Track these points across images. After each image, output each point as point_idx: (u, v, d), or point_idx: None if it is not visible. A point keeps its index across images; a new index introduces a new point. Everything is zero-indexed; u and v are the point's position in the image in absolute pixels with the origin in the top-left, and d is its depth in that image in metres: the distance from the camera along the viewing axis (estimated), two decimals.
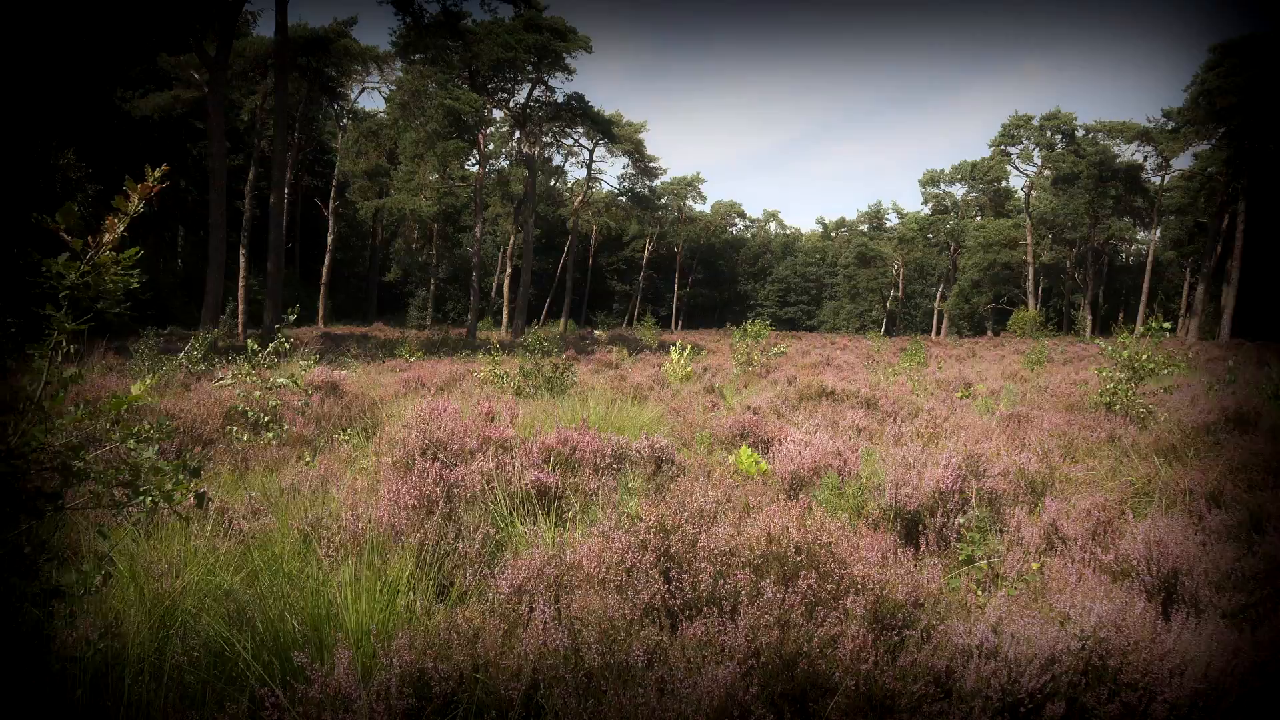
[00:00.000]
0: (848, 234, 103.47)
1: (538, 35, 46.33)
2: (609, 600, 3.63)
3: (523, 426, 8.74)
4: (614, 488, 6.32)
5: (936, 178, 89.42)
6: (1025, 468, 7.38)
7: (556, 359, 16.20)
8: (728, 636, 3.49)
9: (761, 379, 17.73)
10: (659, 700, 3.02)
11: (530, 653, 3.38)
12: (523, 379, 14.05)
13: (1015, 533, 5.92)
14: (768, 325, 23.12)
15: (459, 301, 76.83)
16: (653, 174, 71.51)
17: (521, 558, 4.35)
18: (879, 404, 12.30)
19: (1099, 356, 22.46)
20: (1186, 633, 3.94)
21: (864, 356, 30.35)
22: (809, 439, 8.07)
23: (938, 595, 4.24)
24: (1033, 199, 77.76)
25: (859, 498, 6.52)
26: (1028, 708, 3.25)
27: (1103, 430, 10.07)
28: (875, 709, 3.26)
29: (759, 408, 11.55)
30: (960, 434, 9.54)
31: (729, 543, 4.25)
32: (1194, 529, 5.71)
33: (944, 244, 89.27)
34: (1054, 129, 74.15)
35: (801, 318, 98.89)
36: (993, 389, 16.48)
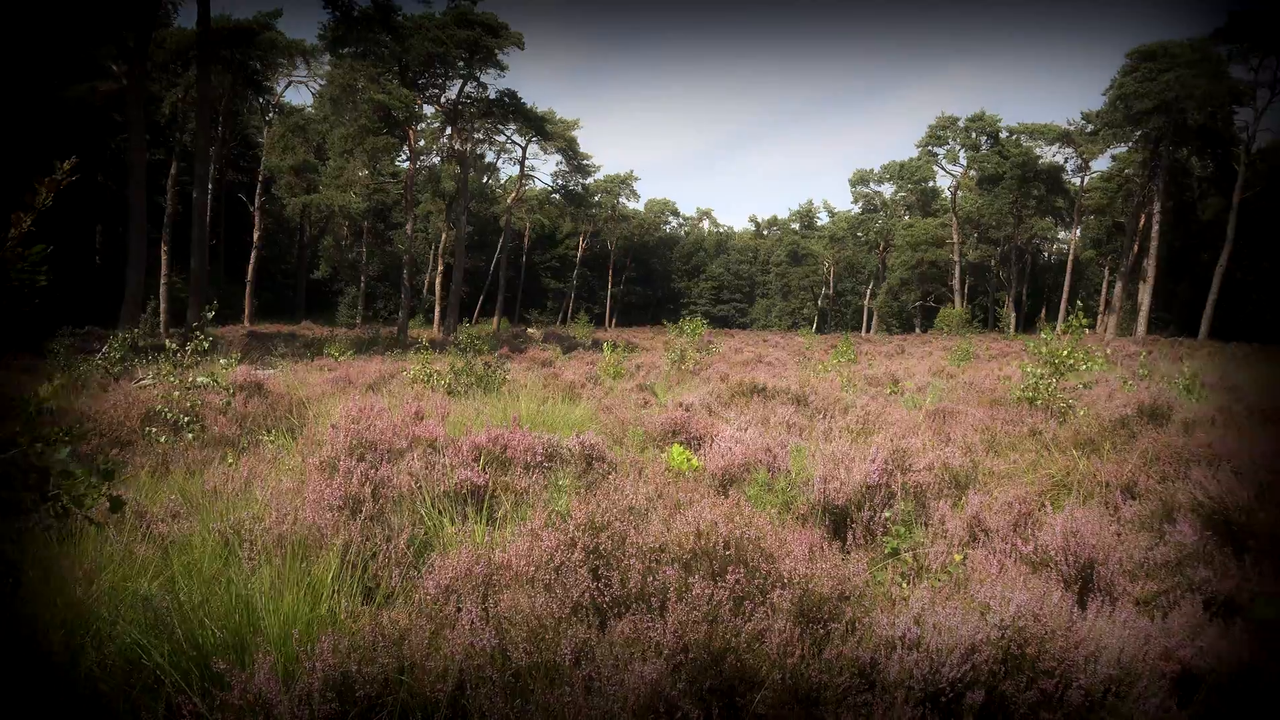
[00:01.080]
0: (779, 232, 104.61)
1: (470, 31, 45.91)
2: (537, 599, 3.61)
3: (453, 425, 8.65)
4: (545, 486, 6.30)
5: (866, 177, 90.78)
6: (950, 462, 7.53)
7: (489, 357, 16.09)
8: (656, 633, 3.50)
9: (694, 376, 17.81)
10: (586, 698, 3.01)
11: (457, 653, 3.34)
12: (454, 377, 13.91)
13: (939, 525, 6.04)
14: (702, 323, 23.24)
15: (390, 299, 75.77)
16: (586, 172, 71.38)
17: (450, 557, 4.30)
18: (809, 401, 12.45)
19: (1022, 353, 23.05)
20: (1101, 621, 4.06)
21: (796, 353, 30.69)
22: (740, 436, 8.13)
23: (863, 588, 4.30)
24: (959, 199, 79.43)
25: (788, 493, 6.59)
26: (949, 697, 3.31)
27: (1024, 424, 10.33)
28: (802, 702, 3.29)
29: (691, 405, 11.60)
30: (888, 429, 9.69)
31: (659, 539, 4.26)
32: (1110, 520, 5.88)
33: (873, 242, 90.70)
34: (979, 130, 75.85)
35: (735, 315, 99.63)
36: (920, 385, 16.79)
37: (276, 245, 71.83)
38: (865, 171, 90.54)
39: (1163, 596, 4.81)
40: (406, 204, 48.13)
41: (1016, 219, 74.46)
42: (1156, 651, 3.97)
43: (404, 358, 22.47)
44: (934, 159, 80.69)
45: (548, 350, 29.54)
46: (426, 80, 49.88)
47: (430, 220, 70.02)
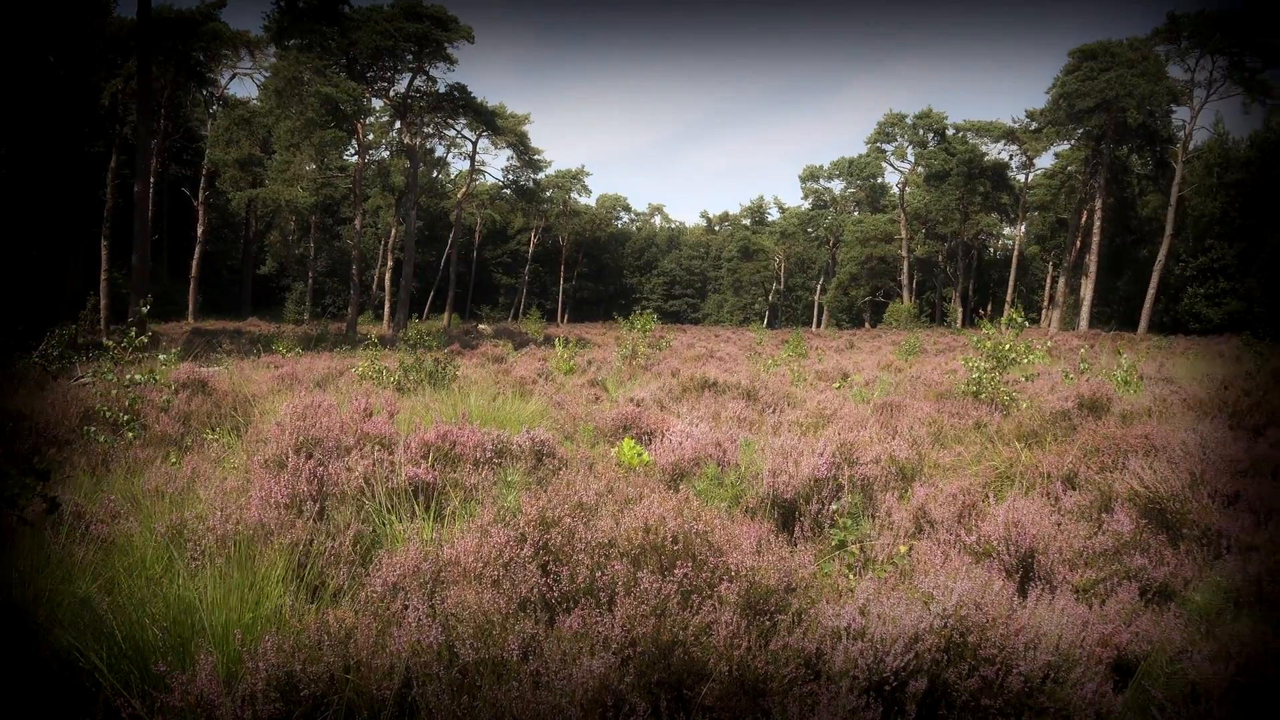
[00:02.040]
0: (731, 228, 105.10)
1: (418, 24, 45.48)
2: (485, 595, 3.60)
3: (402, 422, 8.58)
4: (495, 482, 6.28)
5: (816, 173, 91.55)
6: (896, 455, 7.65)
7: (439, 353, 15.97)
8: (605, 627, 3.51)
9: (646, 372, 17.84)
10: (534, 693, 3.02)
11: (403, 651, 3.33)
12: (403, 374, 13.79)
13: (886, 517, 6.13)
14: (653, 318, 23.28)
15: (339, 295, 74.82)
16: (537, 167, 71.03)
17: (397, 555, 4.28)
18: (760, 395, 12.55)
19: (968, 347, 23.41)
20: (1040, 608, 4.15)
21: (746, 349, 30.87)
22: (690, 430, 8.17)
23: (810, 580, 4.35)
24: (907, 195, 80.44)
25: (738, 487, 6.64)
26: (892, 685, 3.37)
27: (969, 417, 10.52)
28: (748, 693, 3.32)
29: (642, 400, 11.63)
30: (836, 423, 9.80)
31: (608, 534, 4.27)
32: (1050, 510, 6.00)
33: (823, 238, 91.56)
34: (926, 127, 76.87)
35: (686, 311, 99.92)
36: (868, 379, 16.99)
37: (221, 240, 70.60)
38: (815, 168, 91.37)
39: (1100, 584, 4.93)
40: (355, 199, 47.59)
41: (963, 215, 75.61)
42: (1094, 638, 4.07)
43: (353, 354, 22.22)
44: (882, 155, 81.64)
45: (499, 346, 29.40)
46: (375, 73, 49.35)
47: (379, 215, 69.27)
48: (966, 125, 74.56)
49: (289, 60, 42.82)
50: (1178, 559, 5.30)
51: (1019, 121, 71.11)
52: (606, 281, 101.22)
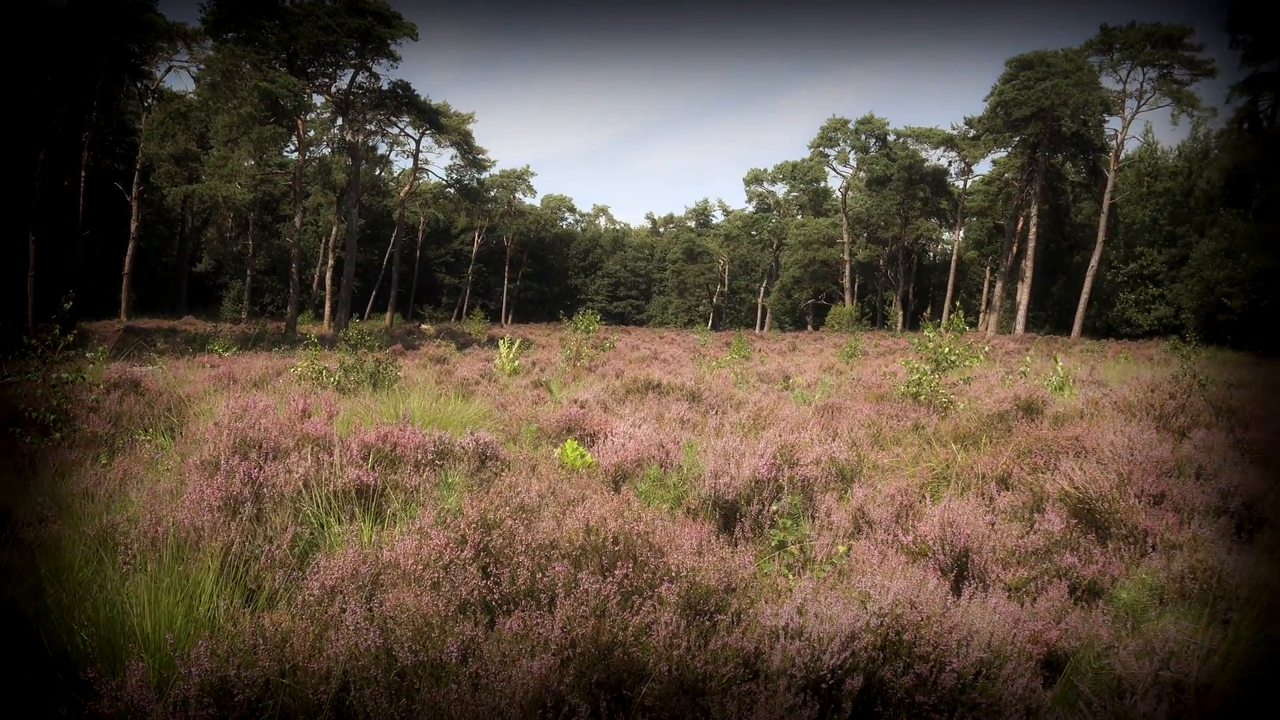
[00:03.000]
0: (676, 230, 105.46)
1: (361, 19, 44.90)
2: (424, 598, 3.58)
3: (342, 423, 8.47)
4: (436, 484, 6.23)
5: (760, 176, 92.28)
6: (837, 456, 7.75)
7: (380, 354, 15.79)
8: (545, 628, 3.51)
9: (590, 373, 17.83)
10: (473, 695, 3.01)
11: (341, 654, 3.29)
12: (344, 374, 13.61)
13: (825, 518, 6.21)
14: (597, 319, 23.27)
15: (278, 294, 73.51)
16: (481, 166, 70.61)
17: (336, 558, 4.23)
18: (703, 397, 12.61)
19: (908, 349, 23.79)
20: (974, 606, 4.24)
21: (691, 350, 31.01)
22: (633, 432, 8.19)
23: (750, 580, 4.39)
24: (849, 199, 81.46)
25: (680, 488, 6.67)
26: (829, 683, 3.42)
27: (908, 419, 10.69)
28: (688, 692, 3.35)
29: (586, 401, 11.63)
30: (778, 425, 9.89)
31: (549, 536, 4.27)
32: (985, 510, 6.12)
33: (767, 241, 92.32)
34: (868, 133, 77.92)
35: (631, 312, 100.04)
36: (810, 381, 17.18)
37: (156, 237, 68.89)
38: (759, 171, 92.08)
39: (1032, 582, 5.05)
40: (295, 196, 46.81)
41: (903, 219, 76.77)
42: (1025, 635, 4.17)
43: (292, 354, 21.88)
44: (825, 160, 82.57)
45: (442, 347, 29.15)
46: (316, 69, 48.62)
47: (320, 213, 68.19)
48: (907, 131, 75.74)
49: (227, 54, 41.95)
50: (1106, 557, 5.45)
51: (958, 128, 72.43)
52: (551, 282, 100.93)
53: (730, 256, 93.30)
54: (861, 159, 78.70)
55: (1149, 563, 5.35)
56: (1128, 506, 5.94)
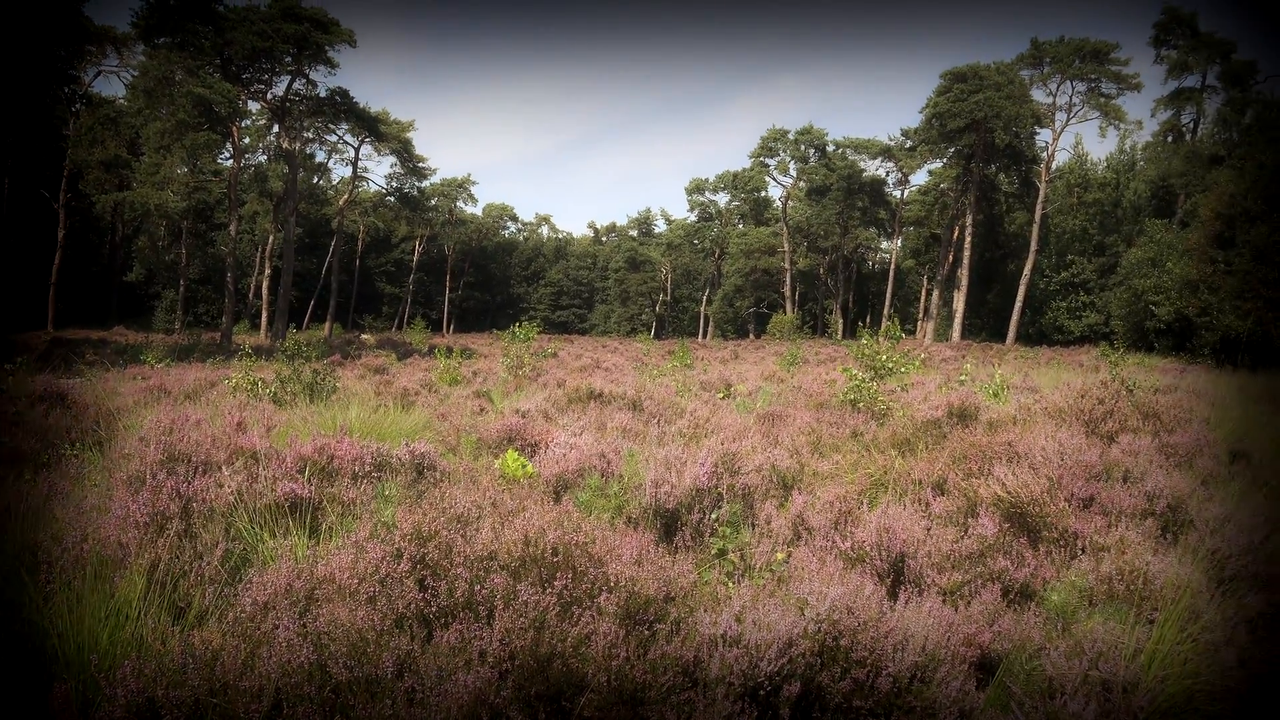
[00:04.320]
0: (618, 239, 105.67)
1: (297, 25, 44.27)
2: (359, 612, 3.52)
3: (278, 436, 8.33)
4: (374, 497, 6.15)
5: (702, 186, 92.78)
6: (777, 464, 7.81)
7: (318, 364, 15.55)
8: (483, 641, 3.48)
9: (532, 382, 17.76)
10: (408, 710, 2.97)
11: (273, 672, 3.23)
12: (280, 386, 13.38)
13: (765, 525, 6.25)
14: (536, 327, 23.17)
15: (213, 304, 71.99)
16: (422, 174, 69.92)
17: (269, 573, 4.15)
18: (645, 406, 12.63)
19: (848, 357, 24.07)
20: (909, 611, 4.29)
21: (633, 359, 31.04)
22: (574, 441, 8.17)
23: (690, 589, 4.40)
24: (789, 208, 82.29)
25: (621, 498, 6.67)
26: (767, 690, 3.44)
27: (847, 426, 10.81)
28: (627, 702, 3.34)
29: (528, 411, 11.57)
30: (719, 433, 9.94)
31: (487, 548, 4.24)
32: (921, 515, 6.22)
33: (709, 250, 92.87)
34: (807, 143, 78.82)
35: (574, 321, 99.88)
36: (751, 389, 17.30)
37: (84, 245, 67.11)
38: (701, 180, 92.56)
39: (966, 586, 5.13)
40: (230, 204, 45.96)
41: (843, 229, 77.77)
42: (959, 638, 4.24)
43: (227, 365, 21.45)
44: (766, 169, 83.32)
45: (382, 357, 28.82)
46: (251, 75, 47.79)
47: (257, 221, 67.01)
48: (846, 142, 76.79)
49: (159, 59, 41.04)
50: (1037, 560, 5.56)
51: (895, 139, 73.67)
52: (493, 291, 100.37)
53: (673, 265, 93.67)
54: (801, 169, 79.59)
55: (1079, 565, 5.47)
56: (1058, 510, 6.08)
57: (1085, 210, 61.24)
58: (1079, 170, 64.10)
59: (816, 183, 76.27)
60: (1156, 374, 20.19)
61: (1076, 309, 59.76)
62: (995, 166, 64.78)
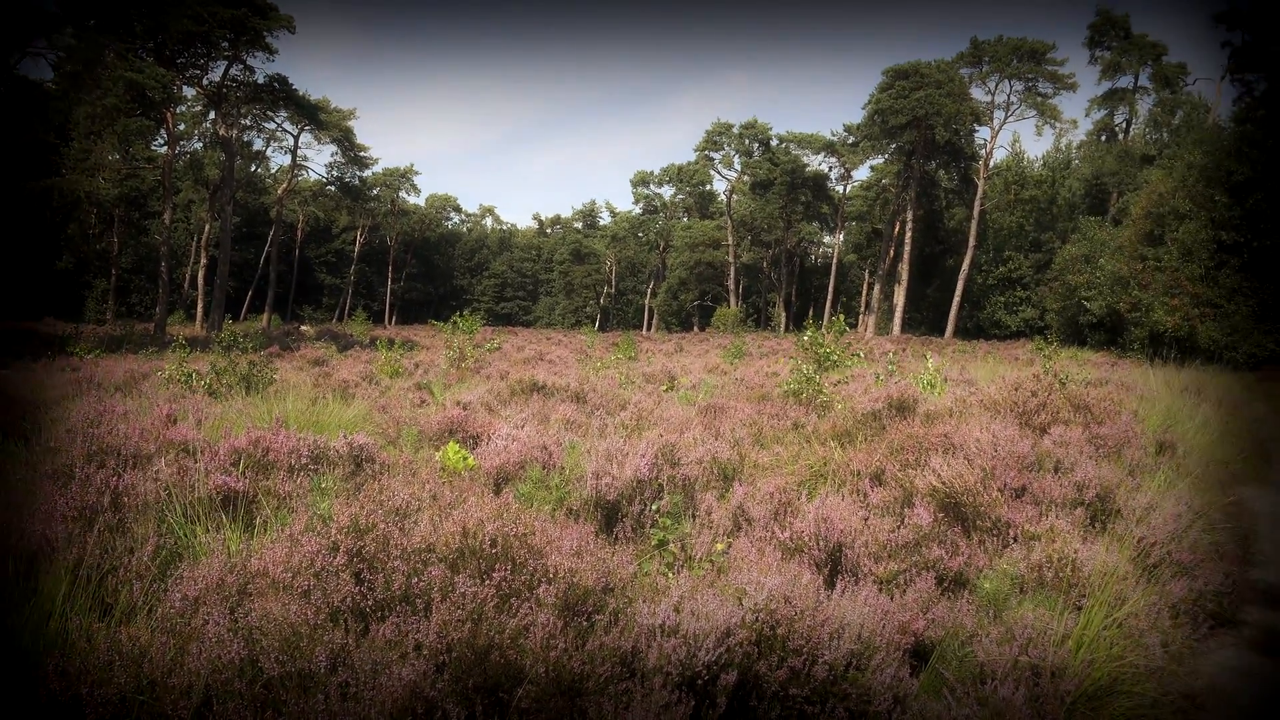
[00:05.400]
0: (563, 231, 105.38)
1: (234, 9, 43.25)
2: (291, 606, 3.47)
3: (212, 428, 8.16)
4: (310, 490, 6.06)
5: (647, 179, 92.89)
6: (718, 455, 7.86)
7: (255, 355, 15.26)
8: (420, 634, 3.45)
9: (475, 374, 17.63)
10: (341, 704, 2.93)
11: (203, 668, 3.17)
12: (215, 377, 13.11)
13: (706, 516, 6.29)
14: (480, 319, 22.99)
15: (147, 294, 70.25)
16: (363, 164, 69.08)
17: (200, 568, 4.07)
18: (588, 398, 12.61)
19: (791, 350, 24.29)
20: (846, 600, 4.35)
21: (578, 351, 30.99)
22: (516, 433, 8.13)
23: (629, 580, 4.41)
24: (733, 202, 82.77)
25: (562, 489, 6.66)
26: (704, 679, 3.46)
27: (788, 418, 10.91)
28: (565, 693, 3.34)
29: (469, 403, 11.49)
30: (662, 425, 9.97)
31: (425, 540, 4.20)
32: (859, 506, 6.31)
33: (654, 243, 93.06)
34: (751, 137, 79.29)
35: (518, 313, 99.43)
36: (695, 382, 17.37)
37: (8, 233, 64.98)
38: (646, 173, 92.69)
39: (901, 575, 5.21)
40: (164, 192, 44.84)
41: (786, 223, 78.44)
42: (894, 626, 4.31)
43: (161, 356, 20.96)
44: (710, 163, 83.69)
45: (321, 349, 28.40)
46: (186, 60, 46.65)
47: (192, 210, 65.57)
48: (789, 137, 77.39)
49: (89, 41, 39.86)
50: (971, 549, 5.67)
51: (838, 135, 74.45)
52: (437, 283, 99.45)
53: (617, 258, 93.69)
54: (746, 163, 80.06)
55: (1010, 553, 5.59)
56: (991, 500, 6.20)
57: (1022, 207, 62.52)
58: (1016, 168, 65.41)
59: (760, 177, 76.78)
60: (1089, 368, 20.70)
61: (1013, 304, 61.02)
62: (935, 163, 65.84)
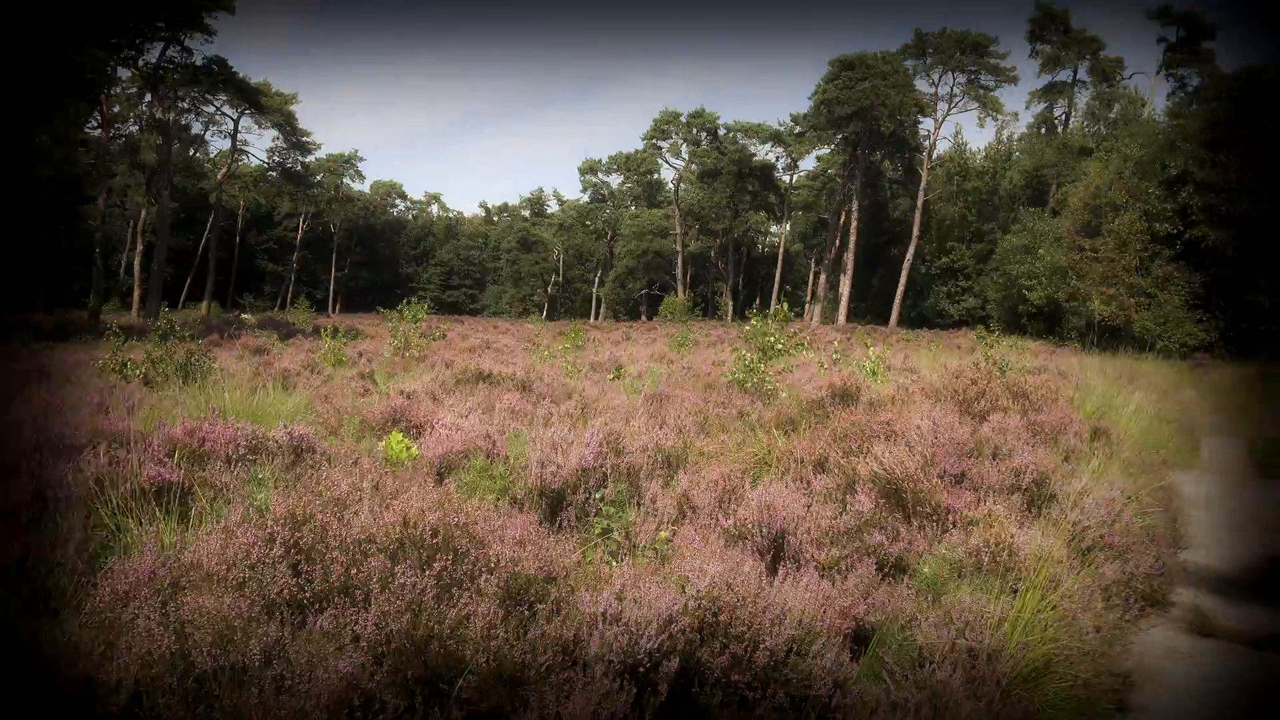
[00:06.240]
0: (510, 219, 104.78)
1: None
2: (226, 599, 3.40)
3: (146, 419, 7.97)
4: (248, 481, 5.95)
5: (595, 167, 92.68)
6: (663, 443, 7.86)
7: (193, 344, 14.95)
8: (359, 625, 3.41)
9: (420, 363, 17.46)
10: (276, 698, 2.88)
11: (133, 663, 3.09)
12: (151, 366, 12.82)
13: (650, 505, 6.29)
14: (426, 308, 22.75)
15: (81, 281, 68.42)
16: (306, 149, 67.94)
17: (131, 561, 3.97)
18: (534, 387, 12.55)
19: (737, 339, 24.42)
20: (787, 586, 4.38)
21: (525, 340, 30.84)
22: (460, 423, 8.07)
23: (572, 569, 4.40)
24: (681, 191, 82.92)
25: (506, 478, 6.62)
26: (646, 667, 3.46)
27: (734, 406, 10.97)
28: (506, 683, 3.32)
29: (414, 392, 11.37)
30: (608, 414, 9.96)
31: (365, 531, 4.15)
32: (802, 493, 6.35)
33: (602, 231, 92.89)
34: (699, 126, 79.49)
35: (465, 301, 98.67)
36: (641, 370, 17.38)
37: None
38: (594, 161, 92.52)
39: (843, 561, 5.27)
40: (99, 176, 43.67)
41: (733, 212, 78.80)
42: (835, 611, 4.35)
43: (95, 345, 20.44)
44: (658, 152, 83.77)
45: (263, 337, 27.91)
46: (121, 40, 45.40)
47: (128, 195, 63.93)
48: (737, 126, 77.72)
49: None
50: (911, 534, 5.76)
51: (785, 125, 74.92)
52: (382, 271, 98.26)
53: (565, 246, 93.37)
54: (693, 152, 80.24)
55: (949, 538, 5.68)
56: (931, 486, 6.29)
57: (964, 198, 63.50)
58: (959, 159, 66.39)
59: (708, 166, 77.02)
60: (1028, 356, 21.11)
61: (955, 293, 61.99)
62: (881, 153, 66.60)
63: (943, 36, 61.04)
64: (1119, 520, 6.33)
